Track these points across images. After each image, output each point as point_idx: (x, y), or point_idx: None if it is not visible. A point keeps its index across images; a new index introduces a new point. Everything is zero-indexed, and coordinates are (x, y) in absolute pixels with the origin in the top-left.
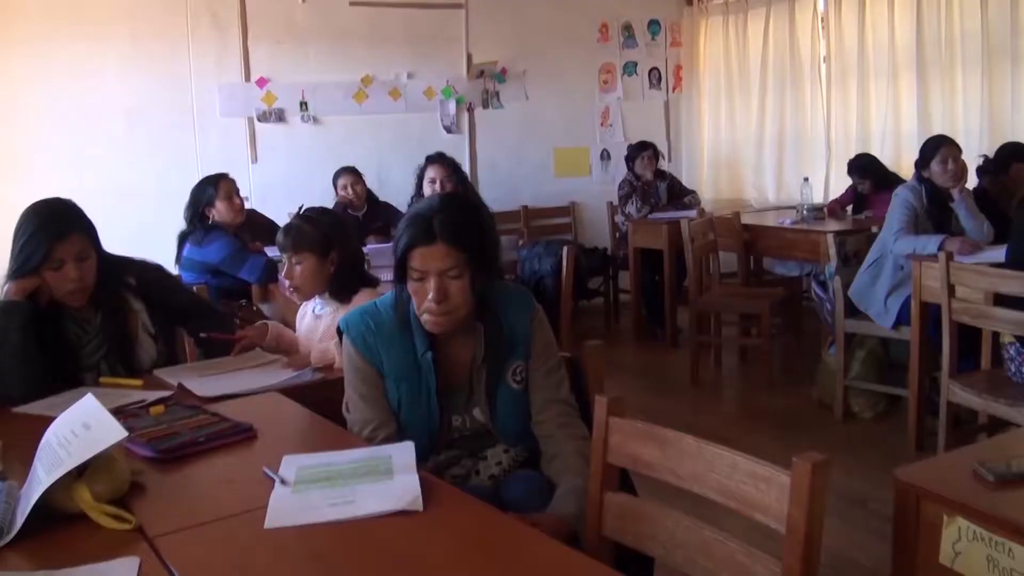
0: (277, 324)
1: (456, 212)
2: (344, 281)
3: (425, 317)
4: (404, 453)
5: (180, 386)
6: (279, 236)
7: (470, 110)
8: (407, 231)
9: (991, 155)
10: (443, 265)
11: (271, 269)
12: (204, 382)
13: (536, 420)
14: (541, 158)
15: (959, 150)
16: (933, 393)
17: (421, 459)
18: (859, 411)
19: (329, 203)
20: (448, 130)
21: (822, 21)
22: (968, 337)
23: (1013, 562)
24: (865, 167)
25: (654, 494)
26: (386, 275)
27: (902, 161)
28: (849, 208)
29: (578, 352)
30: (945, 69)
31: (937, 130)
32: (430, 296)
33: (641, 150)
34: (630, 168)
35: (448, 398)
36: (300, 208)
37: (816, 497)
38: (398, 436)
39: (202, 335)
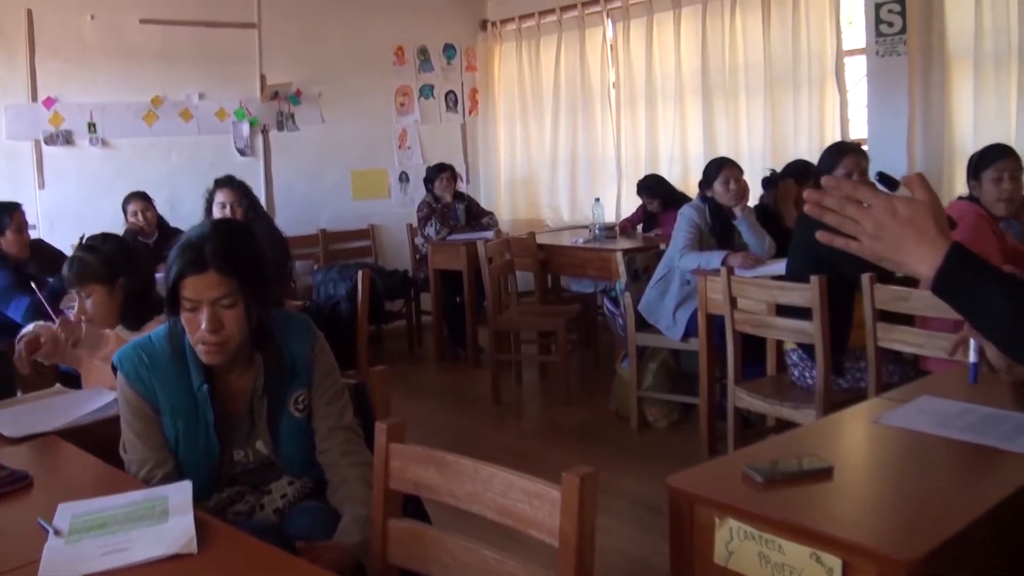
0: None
1: (228, 239)
2: (134, 308)
3: (199, 348)
4: (180, 493)
5: None
6: (64, 271)
7: (264, 132)
8: (177, 260)
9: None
10: (215, 294)
11: (37, 309)
12: (11, 421)
13: (321, 449)
14: (339, 181)
15: (740, 171)
16: (723, 400)
17: (203, 497)
18: (654, 420)
19: (119, 230)
20: (242, 152)
21: (611, 48)
22: (755, 345)
23: (784, 557)
24: (654, 187)
25: (453, 517)
26: None
27: (690, 181)
28: (640, 226)
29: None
30: (729, 95)
31: (722, 152)
32: (203, 326)
33: (439, 172)
34: (429, 190)
35: (228, 431)
36: (82, 238)
37: (586, 509)
38: (177, 474)
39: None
